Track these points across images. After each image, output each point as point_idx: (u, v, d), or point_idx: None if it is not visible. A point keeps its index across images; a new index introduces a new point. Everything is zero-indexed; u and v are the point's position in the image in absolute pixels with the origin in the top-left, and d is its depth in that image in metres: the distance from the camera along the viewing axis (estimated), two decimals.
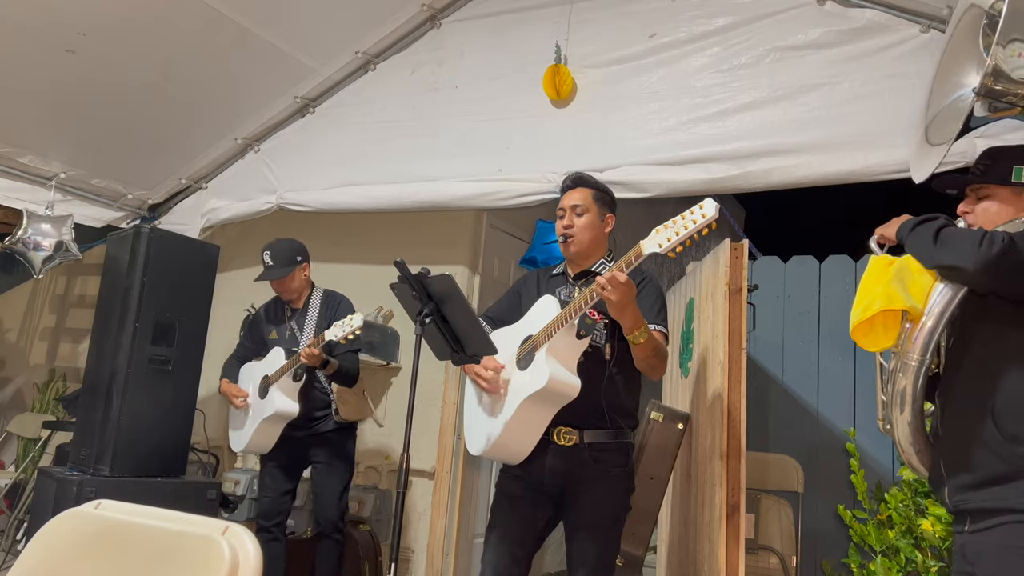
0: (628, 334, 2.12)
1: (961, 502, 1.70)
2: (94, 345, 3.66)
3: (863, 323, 1.78)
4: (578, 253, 2.44)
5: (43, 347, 5.79)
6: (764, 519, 3.78)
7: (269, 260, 3.49)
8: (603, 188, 2.52)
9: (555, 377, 2.15)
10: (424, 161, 3.87)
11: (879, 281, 1.78)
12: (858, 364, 4.05)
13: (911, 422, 1.81)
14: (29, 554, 1.21)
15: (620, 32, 3.51)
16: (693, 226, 1.90)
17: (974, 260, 1.61)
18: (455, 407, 4.11)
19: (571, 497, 2.32)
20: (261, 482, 3.62)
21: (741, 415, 2.74)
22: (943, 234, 1.71)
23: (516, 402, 2.22)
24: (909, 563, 2.92)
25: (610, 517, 2.33)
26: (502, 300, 2.68)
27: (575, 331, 2.19)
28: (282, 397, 3.37)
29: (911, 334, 1.74)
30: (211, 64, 3.93)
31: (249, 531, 1.06)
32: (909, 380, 1.77)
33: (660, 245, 1.92)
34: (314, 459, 3.51)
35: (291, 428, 3.45)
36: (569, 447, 2.29)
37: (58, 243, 4.23)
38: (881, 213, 2.07)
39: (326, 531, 3.43)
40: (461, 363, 2.48)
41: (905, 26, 2.93)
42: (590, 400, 2.24)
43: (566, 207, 2.46)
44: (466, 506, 4.16)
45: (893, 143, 2.82)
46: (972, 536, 1.67)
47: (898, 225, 1.88)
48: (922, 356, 1.74)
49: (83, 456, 3.42)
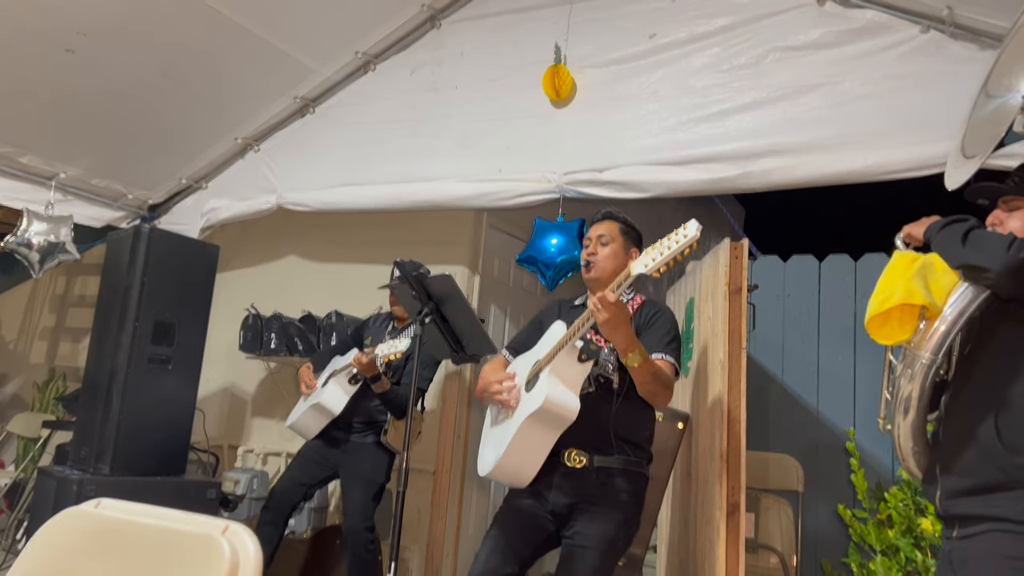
0: (622, 357, 2.13)
1: (952, 506, 1.69)
2: (94, 345, 3.66)
3: (879, 315, 1.74)
4: (598, 280, 2.43)
5: (43, 347, 5.79)
6: (764, 518, 3.78)
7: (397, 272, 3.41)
8: (631, 224, 2.55)
9: (551, 398, 2.14)
10: (424, 161, 3.87)
11: (901, 275, 1.74)
12: (858, 363, 4.05)
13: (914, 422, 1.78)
14: (29, 553, 1.21)
15: (620, 32, 3.51)
16: (676, 247, 1.95)
17: (1001, 262, 1.58)
18: (455, 407, 4.11)
19: (575, 514, 2.30)
20: (290, 465, 3.60)
21: (741, 415, 2.74)
22: (973, 235, 1.67)
23: (518, 423, 2.22)
24: (909, 562, 2.92)
25: (608, 540, 2.27)
26: (524, 330, 2.67)
27: (576, 353, 2.19)
28: (333, 391, 3.37)
29: (926, 331, 1.70)
30: (211, 64, 3.93)
31: (249, 530, 1.06)
32: (917, 379, 1.73)
33: (646, 266, 1.98)
34: (344, 466, 3.45)
35: (336, 428, 3.42)
36: (579, 469, 2.28)
37: (57, 243, 4.23)
38: (881, 213, 2.06)
39: (352, 540, 3.33)
40: (461, 362, 2.49)
41: (905, 26, 2.93)
42: (598, 428, 2.25)
43: (592, 237, 2.49)
44: (466, 506, 4.15)
45: (893, 143, 2.82)
46: (959, 542, 1.65)
47: (927, 225, 1.84)
48: (934, 355, 1.70)
49: (83, 455, 3.42)
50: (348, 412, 3.38)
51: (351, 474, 3.43)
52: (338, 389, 3.38)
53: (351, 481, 3.42)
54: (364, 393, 3.37)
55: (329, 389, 3.38)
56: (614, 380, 2.30)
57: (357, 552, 3.32)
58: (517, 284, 4.70)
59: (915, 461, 1.83)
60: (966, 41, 2.80)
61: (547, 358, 2.23)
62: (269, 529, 3.41)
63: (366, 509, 3.35)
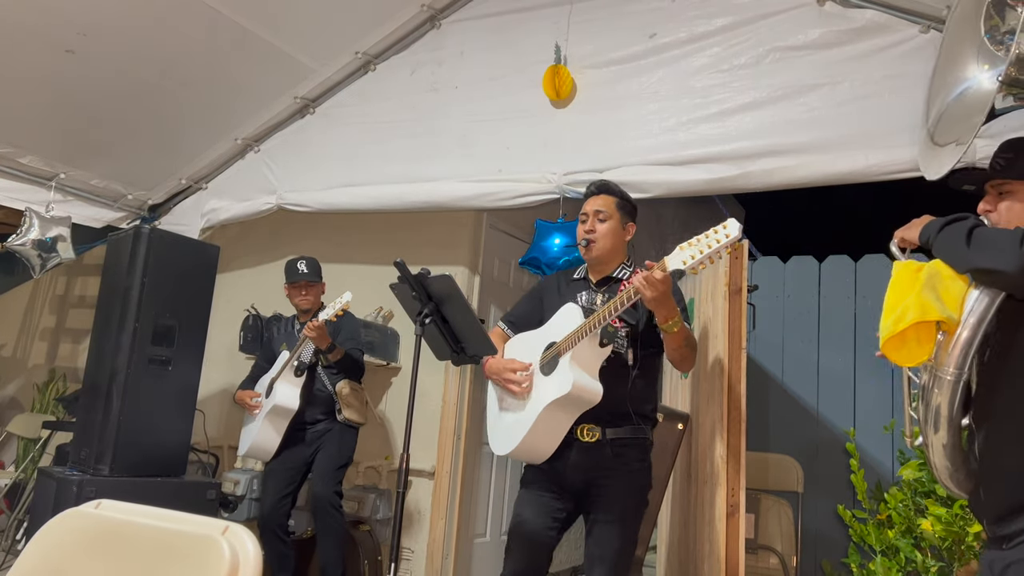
0: (663, 323, 2.20)
1: (999, 530, 1.58)
2: (94, 345, 3.66)
3: (895, 336, 1.61)
4: (599, 258, 2.49)
5: (43, 347, 5.78)
6: (764, 519, 3.78)
7: (304, 268, 3.68)
8: (626, 197, 2.58)
9: (579, 384, 2.24)
10: (424, 161, 3.87)
11: (909, 290, 1.61)
12: (858, 364, 4.05)
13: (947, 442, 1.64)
14: (29, 554, 1.21)
15: (620, 32, 3.51)
16: (717, 245, 1.95)
17: (1016, 263, 1.45)
18: (455, 407, 4.11)
19: (593, 490, 2.39)
20: (263, 484, 3.69)
21: (741, 415, 2.74)
22: (976, 234, 1.55)
23: (540, 407, 2.31)
24: (909, 563, 2.92)
25: (631, 509, 2.39)
26: (522, 303, 2.74)
27: (598, 339, 2.28)
28: (283, 389, 3.49)
29: (946, 345, 1.58)
30: (211, 64, 3.93)
31: (249, 531, 1.06)
32: (945, 396, 1.60)
33: (684, 263, 1.98)
34: (314, 453, 3.61)
35: (294, 430, 3.55)
36: (592, 443, 2.36)
37: (57, 243, 4.23)
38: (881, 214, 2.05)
39: (319, 507, 3.48)
40: (461, 363, 2.51)
41: (905, 26, 2.93)
42: (613, 403, 2.32)
43: (589, 212, 2.51)
44: (466, 506, 4.15)
45: (893, 143, 2.82)
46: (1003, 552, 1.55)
47: (921, 227, 1.72)
48: (958, 370, 1.57)
49: (83, 456, 3.42)
50: (303, 408, 3.56)
51: (322, 452, 3.60)
52: (287, 386, 3.54)
53: (321, 456, 3.59)
54: (310, 382, 3.61)
55: (278, 390, 3.54)
56: (628, 356, 2.39)
57: (325, 515, 3.47)
58: (517, 284, 4.70)
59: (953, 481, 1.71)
60: None
61: (567, 343, 2.30)
62: (278, 545, 3.53)
63: (335, 475, 3.55)
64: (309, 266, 3.72)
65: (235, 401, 3.85)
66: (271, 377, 3.63)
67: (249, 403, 3.67)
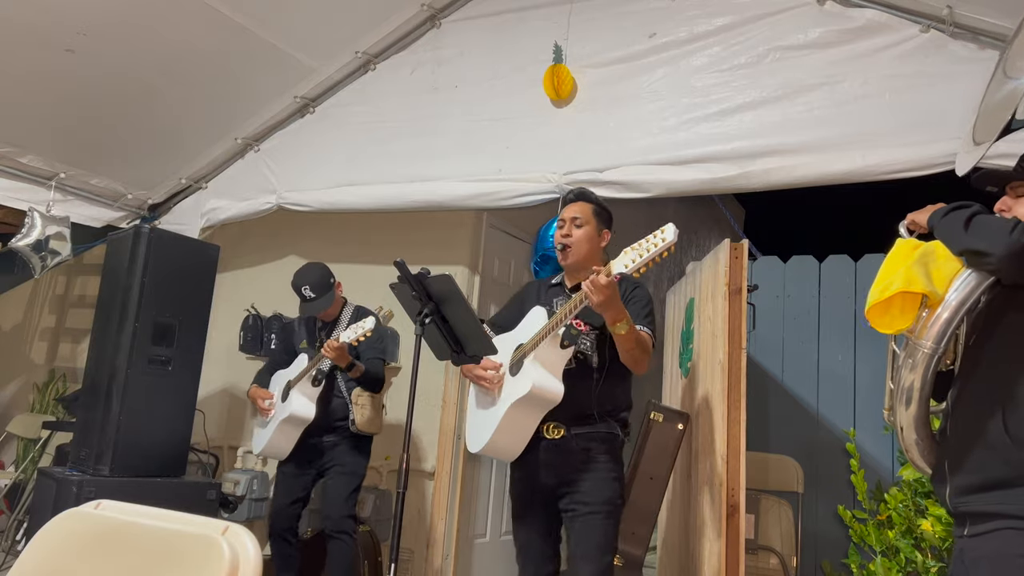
0: (611, 325, 2.25)
1: (962, 504, 1.65)
2: (94, 345, 3.66)
3: (880, 303, 1.71)
4: (574, 264, 2.56)
5: (43, 347, 5.78)
6: (764, 519, 3.78)
7: (311, 293, 3.41)
8: (603, 205, 2.65)
9: (538, 384, 2.31)
10: (424, 161, 3.87)
11: (901, 263, 1.71)
12: (858, 364, 4.05)
13: (916, 412, 1.75)
14: (29, 554, 1.21)
15: (620, 32, 3.51)
16: (654, 250, 2.02)
17: (1003, 246, 1.53)
18: (455, 407, 4.10)
19: (565, 488, 2.45)
20: (275, 488, 3.61)
21: (741, 415, 2.75)
22: (976, 220, 1.63)
23: (505, 406, 2.38)
24: (909, 563, 2.92)
25: (605, 503, 2.42)
26: (505, 307, 2.84)
27: (559, 341, 2.33)
28: (300, 399, 3.37)
29: (928, 320, 1.67)
30: (211, 64, 3.93)
31: (249, 531, 1.06)
32: (919, 368, 1.70)
33: (626, 266, 2.07)
34: (326, 465, 3.48)
35: (307, 436, 3.44)
36: (558, 439, 2.44)
37: (57, 243, 4.23)
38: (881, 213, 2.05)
39: (330, 531, 3.39)
40: (461, 363, 2.54)
41: (905, 26, 2.93)
42: (578, 404, 2.40)
43: (566, 219, 2.59)
44: (466, 506, 4.15)
45: (893, 143, 2.82)
46: (971, 540, 1.62)
47: (931, 211, 1.80)
48: (935, 344, 1.66)
49: (83, 456, 3.42)
50: (318, 415, 3.41)
51: (334, 469, 3.48)
52: (303, 396, 3.39)
53: (334, 476, 3.47)
54: (327, 392, 3.46)
55: (294, 399, 3.39)
56: (593, 360, 2.45)
57: (341, 540, 3.38)
58: (517, 284, 4.69)
59: (918, 452, 1.80)
60: (966, 40, 2.80)
61: (531, 344, 2.38)
62: (284, 546, 3.48)
63: (349, 499, 3.44)
64: (315, 287, 3.41)
65: (247, 396, 3.71)
66: (288, 379, 3.49)
67: (261, 405, 3.55)
